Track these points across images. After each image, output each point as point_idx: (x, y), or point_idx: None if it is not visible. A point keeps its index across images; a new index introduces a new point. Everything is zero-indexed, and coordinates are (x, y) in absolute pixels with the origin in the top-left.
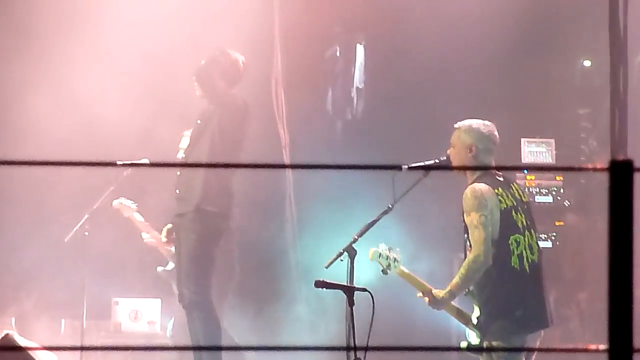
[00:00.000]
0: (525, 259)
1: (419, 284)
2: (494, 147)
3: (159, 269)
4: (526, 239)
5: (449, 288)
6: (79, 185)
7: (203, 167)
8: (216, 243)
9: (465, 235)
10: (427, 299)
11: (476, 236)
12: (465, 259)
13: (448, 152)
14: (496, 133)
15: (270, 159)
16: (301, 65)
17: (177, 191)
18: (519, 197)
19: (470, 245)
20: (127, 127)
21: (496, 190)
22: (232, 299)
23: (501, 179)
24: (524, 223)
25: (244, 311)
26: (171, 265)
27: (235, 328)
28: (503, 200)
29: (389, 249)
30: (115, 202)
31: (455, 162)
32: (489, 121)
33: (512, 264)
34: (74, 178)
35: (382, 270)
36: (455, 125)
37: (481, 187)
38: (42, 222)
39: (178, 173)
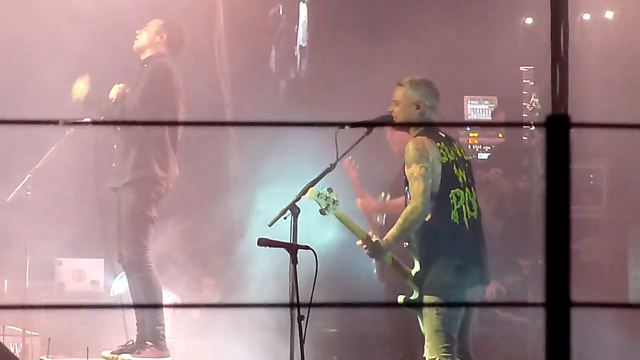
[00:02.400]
0: (464, 215)
1: (357, 229)
2: (437, 105)
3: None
4: (466, 195)
5: (385, 237)
6: (20, 144)
7: (145, 125)
8: (155, 204)
9: (406, 189)
10: (365, 247)
11: (415, 187)
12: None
13: (390, 108)
14: (438, 91)
15: (214, 117)
16: (244, 23)
17: (113, 164)
18: (460, 155)
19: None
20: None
21: (438, 144)
22: (175, 257)
23: (443, 135)
24: (465, 179)
25: (188, 270)
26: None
27: (179, 286)
28: (445, 154)
29: (329, 190)
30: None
31: (400, 119)
32: (431, 79)
33: (452, 218)
34: (15, 137)
35: (320, 211)
36: (400, 82)
37: (423, 139)
38: None
39: (115, 146)
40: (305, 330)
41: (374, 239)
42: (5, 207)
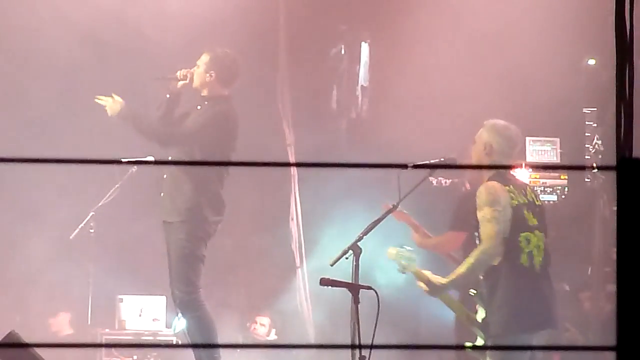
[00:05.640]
0: (534, 258)
1: (418, 272)
2: (511, 151)
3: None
4: (536, 238)
5: (453, 276)
6: (84, 183)
7: (205, 165)
8: (204, 243)
9: (476, 233)
10: (424, 285)
11: (488, 229)
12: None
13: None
14: (517, 138)
15: (275, 157)
16: (306, 63)
17: (162, 194)
18: (531, 199)
19: (480, 240)
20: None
21: (507, 188)
22: (237, 296)
23: (513, 179)
24: (535, 223)
25: (249, 309)
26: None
27: (241, 326)
28: (514, 197)
29: (407, 250)
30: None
31: (472, 158)
32: (491, 119)
33: (522, 262)
34: (79, 175)
35: (400, 271)
36: (483, 123)
37: (494, 184)
38: (46, 219)
39: (165, 176)
40: None
41: (434, 279)
42: (69, 244)
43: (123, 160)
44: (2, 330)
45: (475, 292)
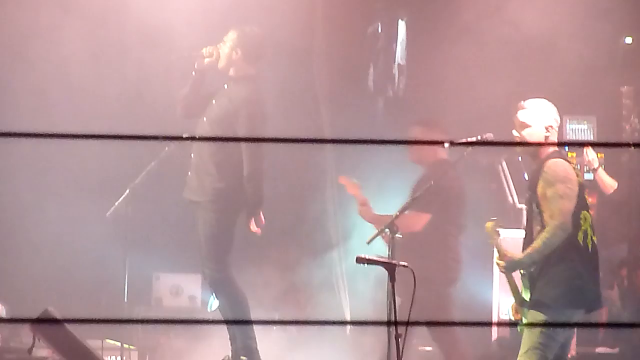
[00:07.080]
0: (588, 237)
1: (501, 250)
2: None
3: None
4: (589, 217)
5: (529, 250)
6: (120, 159)
7: (244, 142)
8: (234, 222)
9: (535, 208)
10: (501, 262)
11: (561, 205)
12: (540, 230)
13: (522, 132)
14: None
15: (311, 135)
16: (342, 41)
17: (189, 173)
18: (583, 179)
19: (542, 218)
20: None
21: (573, 167)
22: (272, 275)
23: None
24: (589, 202)
25: (284, 287)
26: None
27: (277, 304)
28: (578, 176)
29: (498, 224)
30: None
31: (532, 140)
32: (529, 98)
33: (578, 238)
34: (116, 152)
35: (491, 242)
36: (523, 105)
37: (563, 161)
38: (83, 196)
39: (192, 155)
40: (403, 348)
41: (510, 254)
42: (105, 222)
43: (160, 136)
44: (39, 307)
45: (523, 272)
